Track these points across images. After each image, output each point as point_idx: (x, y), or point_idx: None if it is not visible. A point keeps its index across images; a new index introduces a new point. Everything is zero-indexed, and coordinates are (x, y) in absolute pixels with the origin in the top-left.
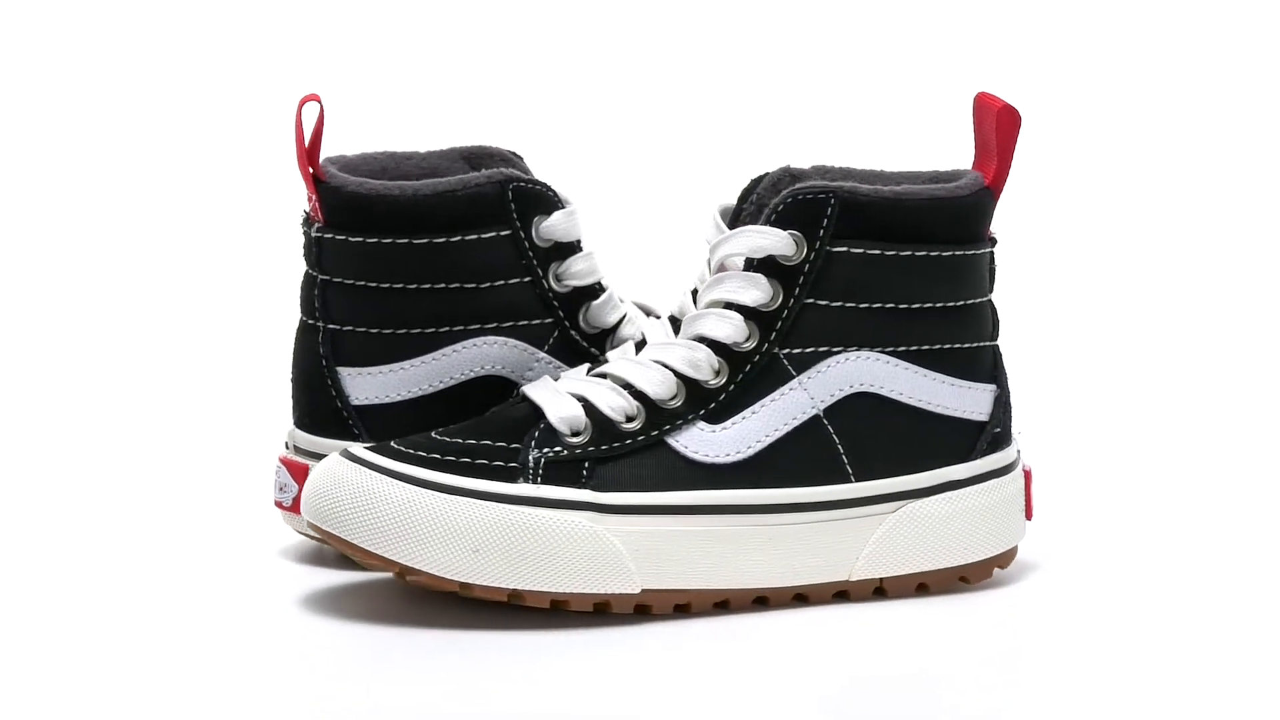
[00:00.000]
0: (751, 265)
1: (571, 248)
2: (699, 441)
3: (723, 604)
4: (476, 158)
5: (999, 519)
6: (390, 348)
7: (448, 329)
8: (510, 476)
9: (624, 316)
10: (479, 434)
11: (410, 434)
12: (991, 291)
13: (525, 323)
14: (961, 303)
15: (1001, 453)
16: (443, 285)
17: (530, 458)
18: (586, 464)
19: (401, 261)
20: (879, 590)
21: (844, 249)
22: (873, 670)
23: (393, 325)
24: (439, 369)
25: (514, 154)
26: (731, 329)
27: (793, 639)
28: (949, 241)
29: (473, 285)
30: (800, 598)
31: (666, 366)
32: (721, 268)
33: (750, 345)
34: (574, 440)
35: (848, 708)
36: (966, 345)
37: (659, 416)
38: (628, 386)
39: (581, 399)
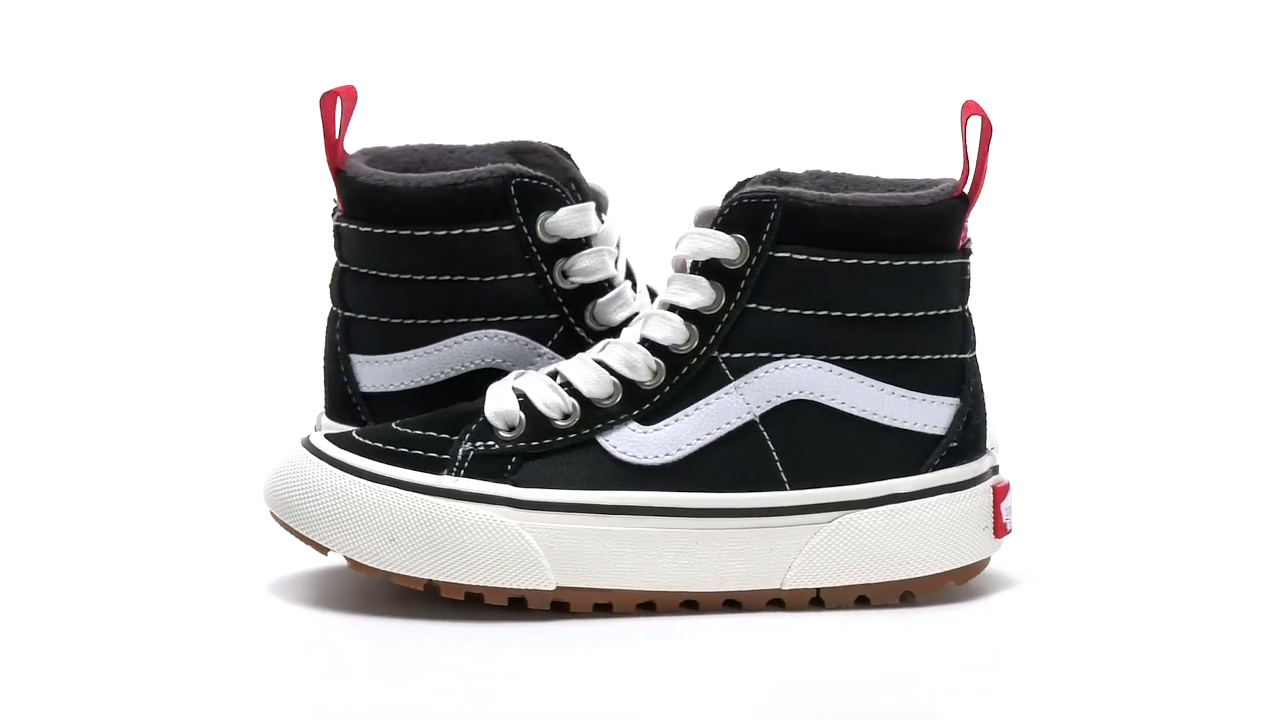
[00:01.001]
0: (696, 268)
1: (579, 244)
2: (628, 442)
3: (647, 605)
4: (521, 153)
5: (951, 534)
6: (395, 337)
7: (451, 321)
8: (436, 468)
9: (635, 314)
10: (431, 425)
11: None
12: (962, 304)
13: (529, 318)
14: (919, 314)
15: (960, 467)
16: (446, 278)
17: (460, 450)
18: (514, 459)
19: (406, 253)
20: (816, 601)
21: (787, 254)
22: (816, 679)
23: (399, 315)
24: (441, 360)
25: (559, 149)
26: (670, 331)
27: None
28: (906, 251)
29: (476, 279)
30: (732, 604)
31: (605, 366)
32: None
33: (688, 348)
34: (506, 435)
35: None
36: (924, 357)
37: (593, 415)
38: (566, 385)
39: (521, 395)
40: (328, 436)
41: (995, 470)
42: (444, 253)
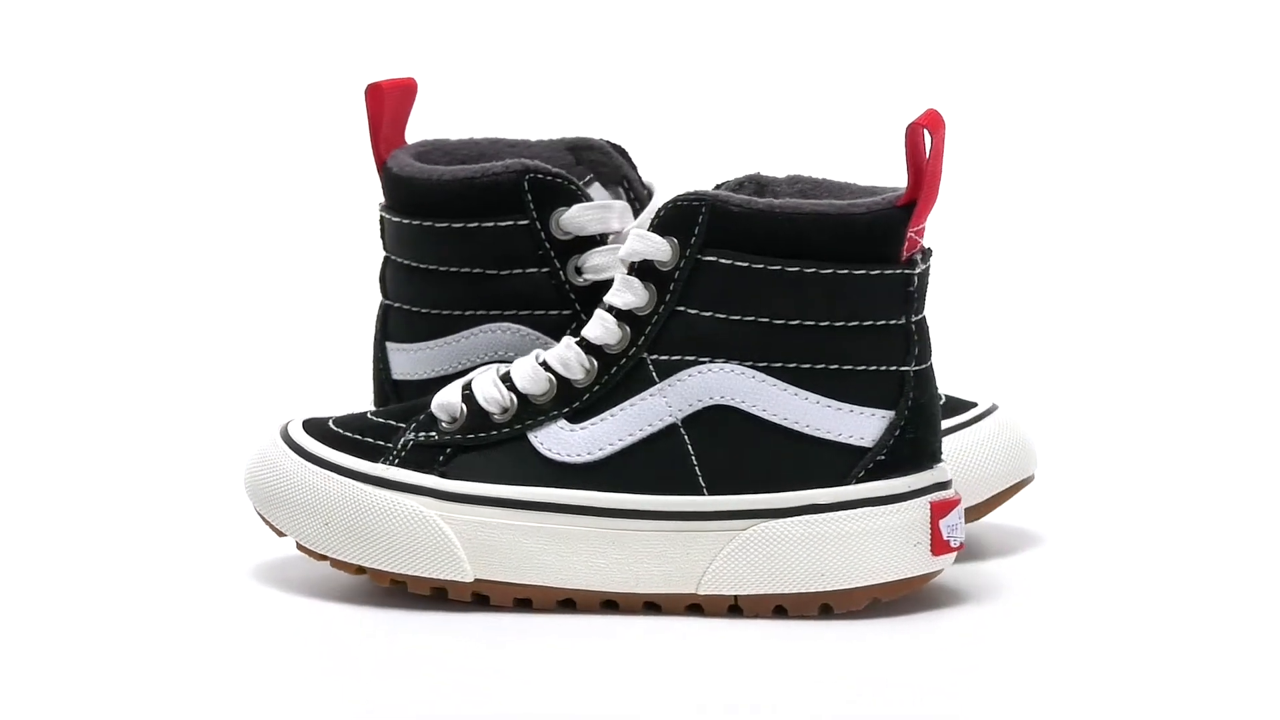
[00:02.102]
0: (632, 269)
1: (593, 241)
2: (555, 439)
3: (568, 603)
4: (579, 149)
5: (874, 549)
6: (422, 326)
7: (469, 313)
8: (374, 455)
9: None
10: (395, 414)
11: None
12: (907, 316)
13: (542, 313)
14: (851, 324)
15: (888, 481)
16: (465, 270)
17: (401, 440)
18: (448, 450)
19: (428, 244)
20: (734, 608)
21: (714, 258)
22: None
23: (424, 305)
24: (457, 351)
25: (616, 146)
26: (603, 330)
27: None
28: (839, 259)
29: (492, 272)
30: (651, 606)
31: (544, 364)
32: None
33: (620, 348)
34: (447, 427)
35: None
36: (856, 368)
37: (527, 412)
38: (508, 380)
39: (466, 388)
40: (305, 422)
41: (943, 486)
42: (462, 245)
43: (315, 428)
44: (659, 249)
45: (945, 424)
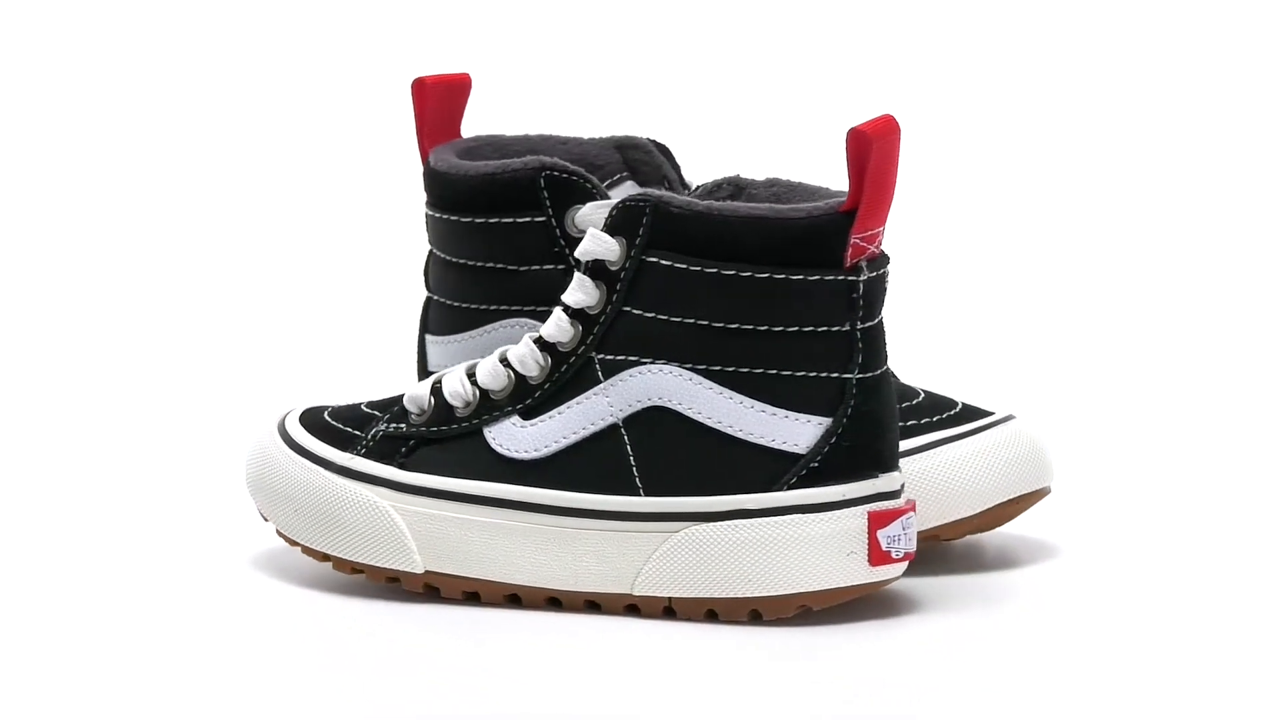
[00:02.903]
0: (585, 268)
1: None
2: (506, 435)
3: (514, 599)
4: (624, 147)
5: (804, 556)
6: (452, 319)
7: (491, 308)
8: (346, 445)
9: None
10: (381, 406)
11: None
12: (852, 323)
13: None
14: (791, 329)
15: (821, 489)
16: (488, 265)
17: (373, 430)
18: (411, 442)
19: (455, 238)
20: (669, 610)
21: (656, 259)
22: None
23: (454, 298)
24: (479, 345)
25: (659, 145)
26: (556, 329)
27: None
28: (778, 263)
29: (512, 268)
30: (592, 605)
31: (504, 360)
32: None
33: (571, 346)
34: (415, 419)
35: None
36: (794, 373)
37: (485, 407)
38: (472, 375)
39: (437, 381)
40: (305, 411)
41: (887, 496)
42: (484, 240)
43: (310, 416)
44: (608, 249)
45: (953, 431)
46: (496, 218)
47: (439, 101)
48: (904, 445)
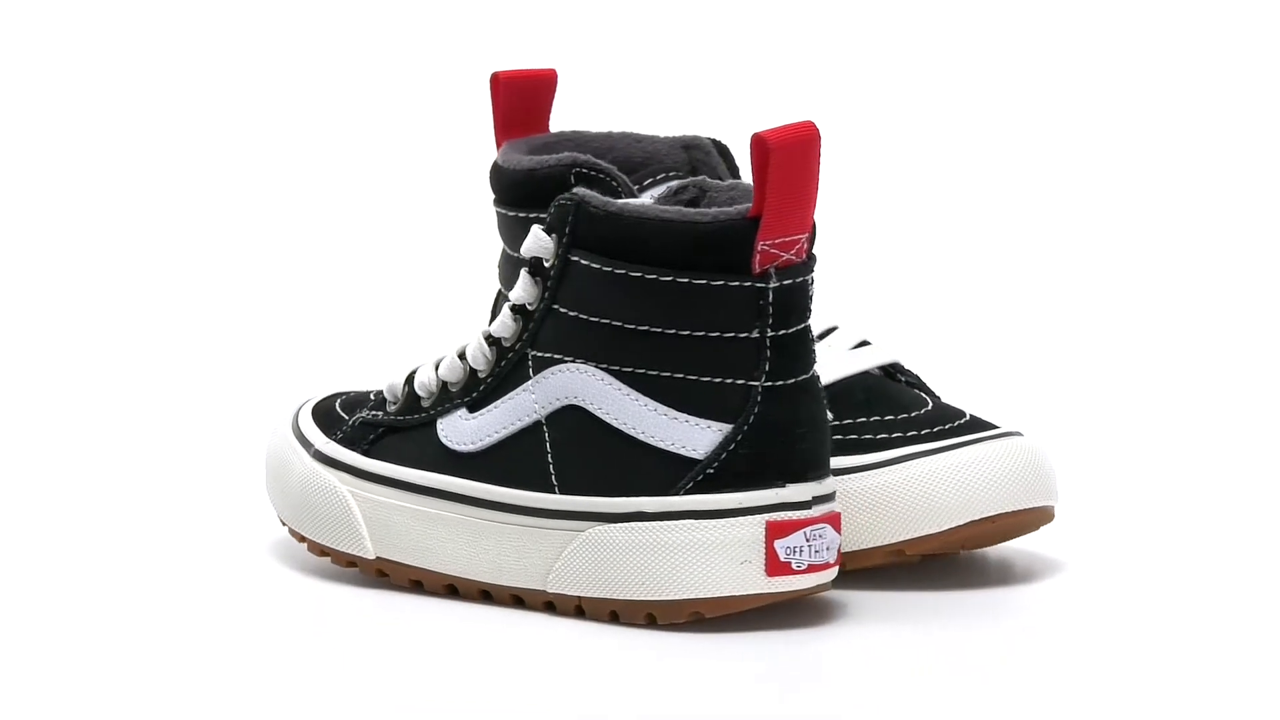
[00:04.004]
0: (527, 265)
1: None
2: (453, 427)
3: (453, 589)
4: (689, 147)
5: (696, 562)
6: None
7: None
8: (329, 430)
9: None
10: (377, 393)
11: None
12: (761, 329)
13: None
14: (698, 333)
15: (716, 495)
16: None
17: (354, 417)
18: (380, 430)
19: (507, 231)
20: (579, 610)
21: (578, 258)
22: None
23: (505, 287)
24: None
25: (718, 145)
26: (500, 324)
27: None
28: (686, 267)
29: None
30: (518, 600)
31: (461, 353)
32: None
33: (511, 341)
34: (391, 408)
35: None
36: (698, 378)
37: (443, 398)
38: (438, 367)
39: (412, 372)
40: (324, 398)
41: (793, 506)
42: (525, 234)
43: (324, 402)
44: (543, 246)
45: (950, 441)
46: (536, 212)
47: (517, 96)
48: (879, 456)
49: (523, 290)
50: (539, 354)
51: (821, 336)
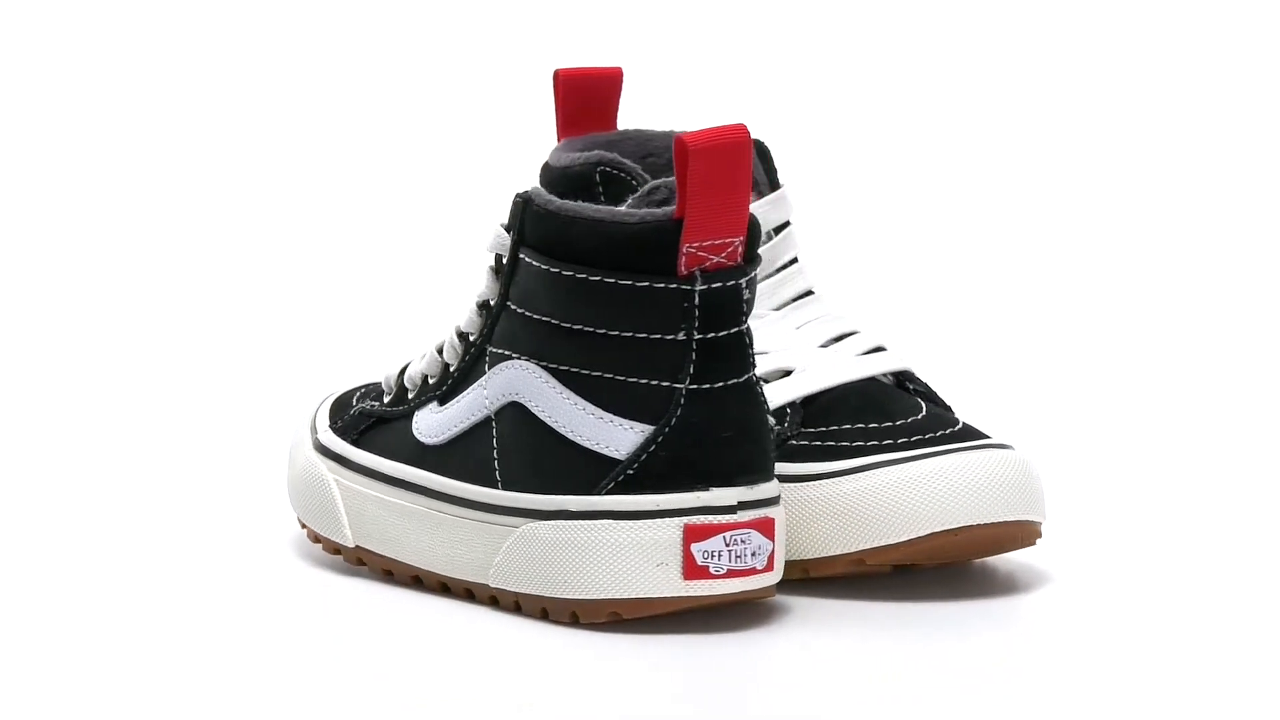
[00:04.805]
0: (492, 261)
1: None
2: (423, 420)
3: (417, 580)
4: None
5: (613, 563)
6: None
7: None
8: (334, 420)
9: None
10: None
11: None
12: (688, 332)
13: None
14: (626, 334)
15: (634, 497)
16: None
17: (356, 408)
18: (372, 420)
19: None
20: (517, 605)
21: (524, 256)
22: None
23: None
24: None
25: (758, 144)
26: (467, 319)
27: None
28: (615, 267)
29: None
30: (469, 594)
31: (439, 348)
32: None
33: (476, 337)
34: (386, 399)
35: None
36: (625, 379)
37: (423, 391)
38: (424, 361)
39: (405, 365)
40: (349, 389)
41: (714, 510)
42: None
43: (345, 393)
44: (500, 243)
45: (925, 451)
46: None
47: (577, 94)
48: (848, 464)
49: (485, 286)
50: (494, 350)
51: (838, 340)
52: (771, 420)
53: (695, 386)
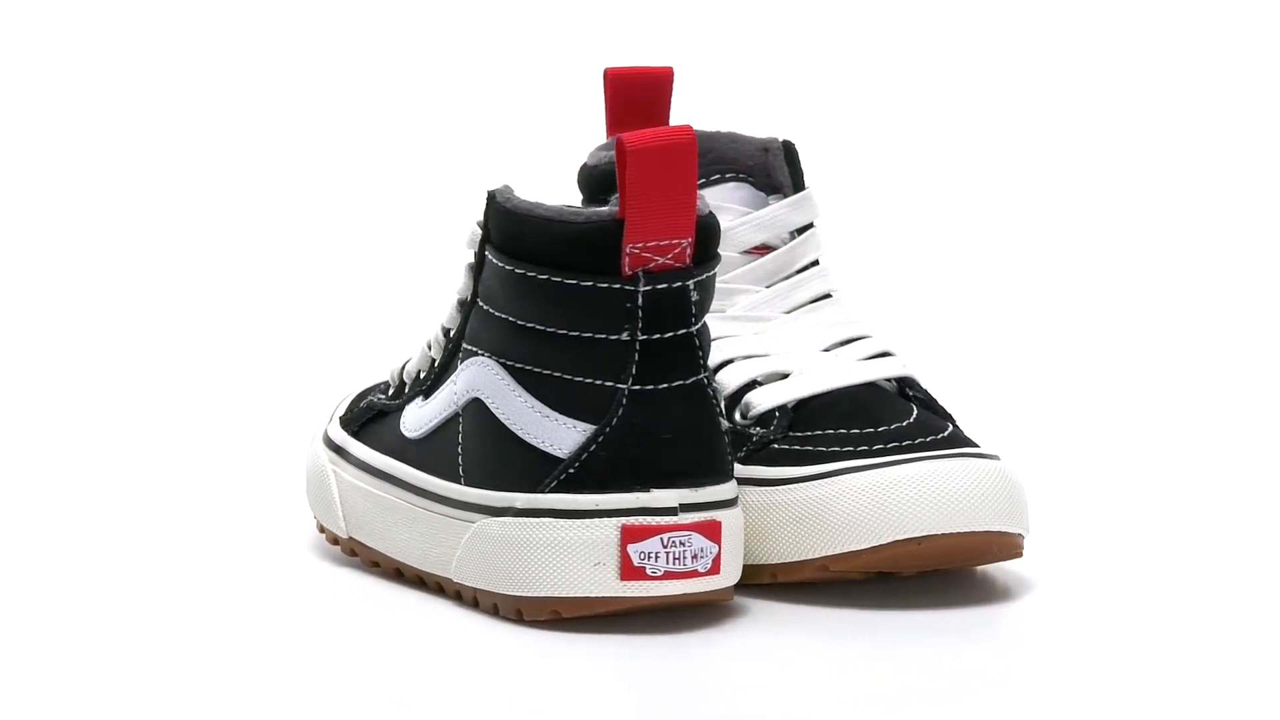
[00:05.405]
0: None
1: None
2: (408, 414)
3: (399, 573)
4: (766, 148)
5: (551, 561)
6: None
7: None
8: (346, 415)
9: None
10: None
11: None
12: (637, 333)
13: None
14: (573, 333)
15: (574, 496)
16: None
17: (364, 401)
18: (374, 414)
19: None
20: (475, 602)
21: (487, 253)
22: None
23: None
24: None
25: (787, 145)
26: (449, 316)
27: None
28: (564, 266)
29: None
30: (440, 588)
31: (429, 343)
32: None
33: (454, 333)
34: (389, 393)
35: None
36: (571, 378)
37: (414, 385)
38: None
39: (408, 359)
40: (372, 385)
41: (652, 512)
42: None
43: (372, 386)
44: (474, 240)
45: (899, 458)
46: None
47: (626, 93)
48: (819, 469)
49: (462, 284)
50: (466, 346)
51: (844, 344)
52: (725, 423)
53: (638, 387)
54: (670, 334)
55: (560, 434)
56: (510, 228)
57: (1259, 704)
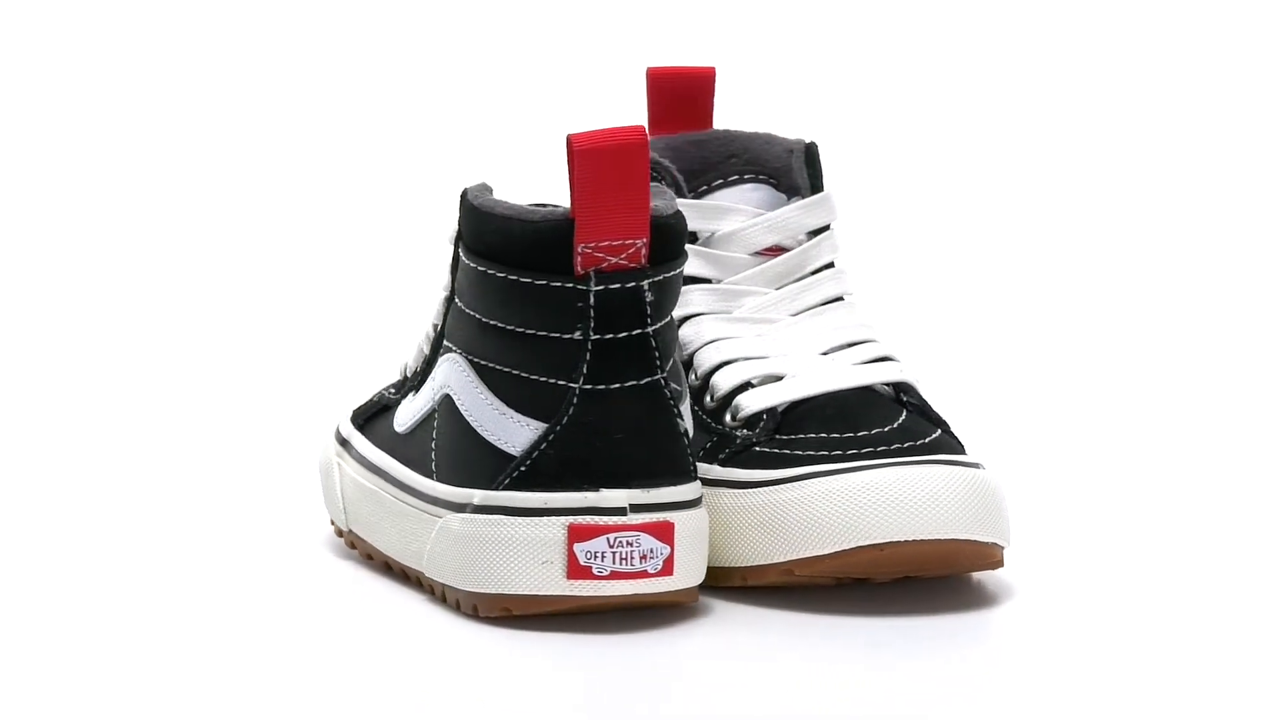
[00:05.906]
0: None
1: None
2: (401, 408)
3: (387, 566)
4: (792, 150)
5: (503, 558)
6: None
7: None
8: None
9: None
10: None
11: None
12: (590, 333)
13: None
14: (529, 331)
15: (524, 494)
16: None
17: (377, 395)
18: (381, 408)
19: None
20: (443, 596)
21: (459, 250)
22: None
23: None
24: None
25: (809, 147)
26: (436, 312)
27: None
28: (522, 265)
29: None
30: (418, 582)
31: (425, 340)
32: None
33: (439, 329)
34: (396, 388)
35: None
36: (528, 376)
37: (410, 380)
38: None
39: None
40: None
41: (603, 512)
42: None
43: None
44: (453, 238)
45: (872, 462)
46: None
47: (668, 93)
48: (788, 472)
49: (445, 281)
50: (445, 342)
51: (844, 348)
52: (683, 424)
53: (589, 387)
54: (624, 334)
55: (515, 431)
56: (476, 225)
57: (1239, 713)
